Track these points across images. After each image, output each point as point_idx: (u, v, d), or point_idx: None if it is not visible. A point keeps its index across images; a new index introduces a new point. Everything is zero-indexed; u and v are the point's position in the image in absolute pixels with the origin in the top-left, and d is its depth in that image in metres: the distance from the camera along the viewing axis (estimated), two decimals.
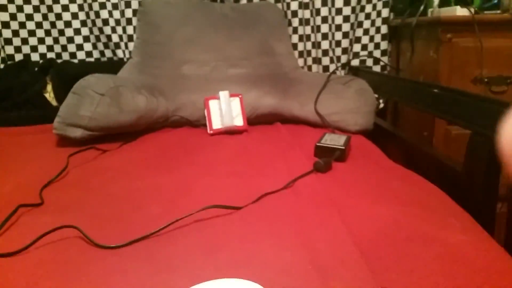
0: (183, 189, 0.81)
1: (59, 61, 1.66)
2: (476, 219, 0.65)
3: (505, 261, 0.52)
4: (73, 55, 1.69)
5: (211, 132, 1.30)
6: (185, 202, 0.74)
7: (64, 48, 1.68)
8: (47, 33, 1.66)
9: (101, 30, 1.66)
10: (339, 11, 1.68)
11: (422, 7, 1.34)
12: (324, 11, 1.64)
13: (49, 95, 1.55)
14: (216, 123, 1.31)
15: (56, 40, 1.67)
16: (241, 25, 1.54)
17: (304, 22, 1.68)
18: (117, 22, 1.66)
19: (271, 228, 0.62)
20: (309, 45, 1.70)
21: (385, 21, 1.66)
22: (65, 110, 1.13)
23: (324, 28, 1.65)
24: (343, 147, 0.97)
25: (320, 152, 0.99)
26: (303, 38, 1.70)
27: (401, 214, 0.64)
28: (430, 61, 1.30)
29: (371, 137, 1.26)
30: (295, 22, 1.68)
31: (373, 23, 1.69)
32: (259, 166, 0.93)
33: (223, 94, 1.30)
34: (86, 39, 1.69)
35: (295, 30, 1.69)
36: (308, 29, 1.69)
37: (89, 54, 1.70)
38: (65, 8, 1.64)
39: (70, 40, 1.68)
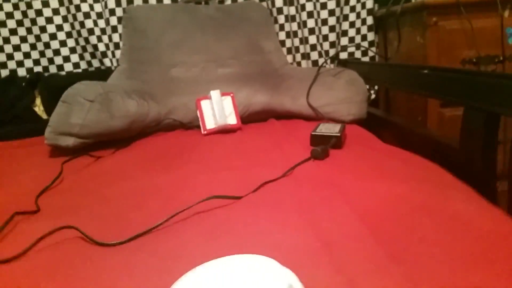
0: (181, 185, 0.79)
1: (46, 74, 1.64)
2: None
3: (509, 224, 0.51)
4: (60, 67, 1.67)
5: (205, 132, 1.29)
6: (184, 197, 0.73)
7: (50, 61, 1.66)
8: (33, 47, 1.64)
9: (87, 40, 1.64)
10: (324, 6, 1.68)
11: None
12: (309, 6, 1.64)
13: (38, 108, 1.53)
14: (210, 123, 1.30)
15: (42, 54, 1.66)
16: (227, 25, 1.54)
17: (290, 18, 1.69)
18: (103, 31, 1.65)
19: (274, 212, 0.61)
20: (296, 41, 1.71)
21: (370, 12, 1.67)
22: (55, 119, 1.12)
23: (311, 23, 1.66)
24: (338, 134, 0.96)
25: (316, 141, 0.98)
26: (290, 34, 1.70)
27: (403, 190, 0.64)
28: (418, 46, 1.31)
29: (366, 126, 1.26)
30: (281, 19, 1.68)
31: (358, 15, 1.70)
32: (255, 158, 0.93)
33: (214, 93, 1.30)
34: (73, 50, 1.68)
35: (281, 27, 1.69)
36: (294, 26, 1.69)
37: (76, 65, 1.69)
38: (49, 20, 1.62)
39: (57, 52, 1.66)
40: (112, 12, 1.62)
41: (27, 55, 1.64)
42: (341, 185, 0.68)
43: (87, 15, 1.62)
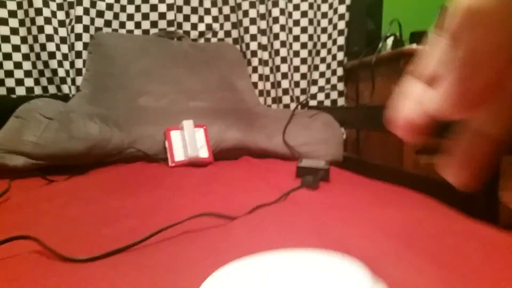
0: (156, 208, 0.68)
1: None
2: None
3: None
4: (11, 90, 1.51)
5: (173, 164, 1.18)
6: (164, 216, 0.61)
7: (0, 82, 1.51)
8: None
9: (46, 64, 1.52)
10: (296, 54, 1.71)
11: (380, 45, 1.39)
12: (283, 52, 1.66)
13: None
14: (179, 155, 1.20)
15: None
16: (200, 60, 1.50)
17: (264, 62, 1.68)
18: (65, 56, 1.53)
19: (287, 228, 0.51)
20: (268, 85, 1.69)
21: (340, 64, 1.71)
22: (4, 135, 0.96)
23: (284, 68, 1.66)
24: (327, 167, 0.90)
25: (303, 173, 0.91)
26: (262, 77, 1.69)
27: (420, 215, 0.58)
28: (393, 95, 1.33)
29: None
30: (255, 61, 1.67)
31: (328, 66, 1.74)
32: (240, 186, 0.83)
33: (187, 123, 1.21)
34: (28, 73, 1.54)
35: (255, 69, 1.68)
36: (267, 70, 1.69)
37: (30, 90, 1.54)
38: (5, 39, 1.49)
39: (9, 74, 1.51)
40: (78, 37, 1.53)
41: None
42: (353, 208, 0.61)
43: (49, 38, 1.50)
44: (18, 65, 1.52)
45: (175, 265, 0.41)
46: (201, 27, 1.69)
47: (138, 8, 1.61)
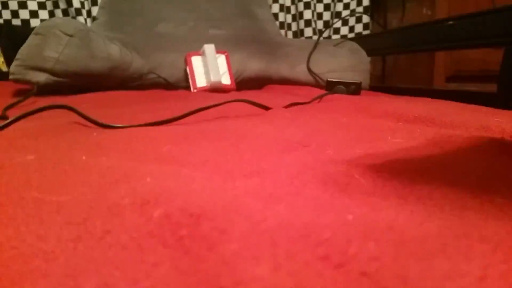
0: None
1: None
2: None
3: None
4: (25, 22, 1.48)
5: (195, 90, 1.15)
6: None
7: (14, 14, 1.47)
8: None
9: None
10: None
11: None
12: None
13: None
14: (201, 81, 1.17)
15: (4, 5, 1.46)
16: None
17: None
18: None
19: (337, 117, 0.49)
20: (289, 18, 1.62)
21: None
22: (25, 51, 0.94)
23: None
24: (358, 81, 0.87)
25: (333, 87, 0.88)
26: (283, 8, 1.62)
27: None
28: (425, 19, 1.26)
29: None
30: None
31: None
32: (269, 99, 0.80)
33: (209, 48, 1.17)
34: (42, 5, 1.49)
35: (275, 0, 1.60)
36: (288, 1, 1.61)
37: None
38: None
39: (23, 5, 1.47)
40: None
41: None
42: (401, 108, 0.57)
43: None
44: None
45: (208, 136, 0.39)
46: None
47: None
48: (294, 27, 1.63)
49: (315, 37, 1.61)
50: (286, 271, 0.14)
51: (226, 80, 1.18)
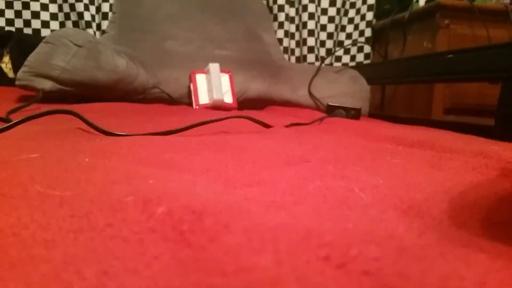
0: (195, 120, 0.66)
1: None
2: None
3: None
4: (36, 32, 1.50)
5: (197, 107, 1.17)
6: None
7: (27, 23, 1.50)
8: (8, 4, 1.47)
9: (72, 7, 1.50)
10: (324, 11, 1.66)
11: (414, 0, 1.35)
12: (311, 8, 1.61)
13: (6, 66, 1.34)
14: (203, 98, 1.18)
15: (18, 14, 1.49)
16: (227, 9, 1.47)
17: (290, 19, 1.64)
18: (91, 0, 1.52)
19: (341, 138, 0.49)
20: (293, 44, 1.66)
21: (368, 24, 1.66)
22: (34, 58, 0.96)
23: (311, 24, 1.62)
24: (358, 107, 0.88)
25: (333, 111, 0.89)
26: (288, 34, 1.65)
27: None
28: (425, 52, 1.29)
29: None
30: (281, 17, 1.63)
31: (356, 27, 1.69)
32: (270, 119, 0.81)
33: (213, 66, 1.19)
34: (54, 16, 1.52)
35: (281, 25, 1.64)
36: (293, 27, 1.65)
37: None
38: None
39: (35, 15, 1.50)
40: None
41: (0, 13, 1.47)
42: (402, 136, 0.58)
43: None
44: (44, 7, 1.51)
45: (209, 147, 0.40)
46: None
47: None
48: (297, 52, 1.67)
49: (317, 63, 1.64)
50: (289, 266, 0.15)
51: (228, 98, 1.20)
